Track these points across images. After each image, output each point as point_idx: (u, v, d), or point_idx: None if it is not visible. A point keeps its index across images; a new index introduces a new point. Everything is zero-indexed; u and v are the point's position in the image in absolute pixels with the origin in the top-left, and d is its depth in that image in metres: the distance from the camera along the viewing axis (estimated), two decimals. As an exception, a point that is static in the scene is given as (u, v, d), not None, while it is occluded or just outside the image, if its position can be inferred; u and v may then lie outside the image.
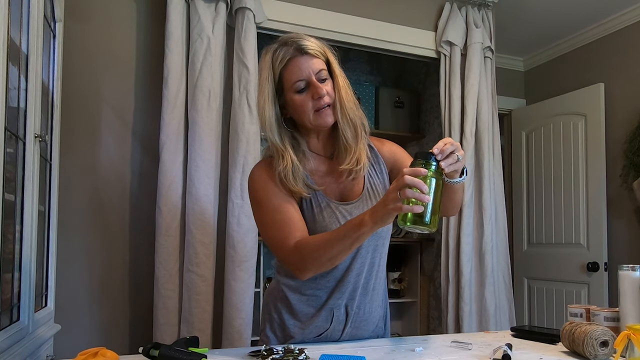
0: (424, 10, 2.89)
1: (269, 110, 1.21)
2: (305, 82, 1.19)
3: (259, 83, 1.23)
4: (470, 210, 2.77)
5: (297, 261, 1.18)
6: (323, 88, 1.19)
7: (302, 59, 1.19)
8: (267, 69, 1.21)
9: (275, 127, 1.22)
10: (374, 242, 1.29)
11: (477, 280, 2.78)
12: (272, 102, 1.21)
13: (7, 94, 1.20)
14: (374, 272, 1.31)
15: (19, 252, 1.39)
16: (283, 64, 1.19)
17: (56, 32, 1.93)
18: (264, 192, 1.23)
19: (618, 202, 3.18)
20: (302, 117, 1.22)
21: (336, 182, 1.29)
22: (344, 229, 1.12)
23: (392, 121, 3.53)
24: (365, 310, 1.32)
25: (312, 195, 1.24)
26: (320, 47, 1.23)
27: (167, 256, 2.20)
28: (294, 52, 1.19)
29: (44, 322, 1.73)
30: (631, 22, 3.15)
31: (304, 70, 1.19)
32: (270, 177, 1.24)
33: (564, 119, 3.47)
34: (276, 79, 1.21)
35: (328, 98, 1.20)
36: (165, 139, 2.22)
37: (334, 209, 1.25)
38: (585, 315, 1.36)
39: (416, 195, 0.99)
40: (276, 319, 1.32)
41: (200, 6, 2.28)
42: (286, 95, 1.22)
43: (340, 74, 1.25)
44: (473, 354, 1.16)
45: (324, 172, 1.29)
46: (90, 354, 0.95)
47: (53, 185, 1.90)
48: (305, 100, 1.20)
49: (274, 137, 1.23)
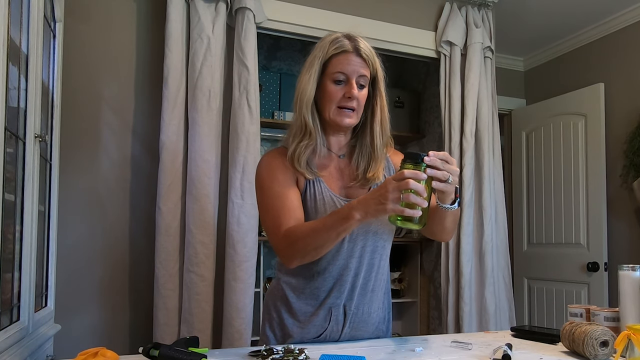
0: (424, 10, 2.89)
1: (310, 88, 1.24)
2: (345, 77, 1.23)
3: (310, 60, 1.26)
4: (470, 210, 2.77)
5: (285, 247, 1.20)
6: (357, 91, 1.23)
7: (353, 57, 1.23)
8: (321, 49, 1.25)
9: (311, 106, 1.26)
10: (374, 243, 1.29)
11: (477, 280, 2.78)
12: (315, 80, 1.25)
13: (7, 94, 1.20)
14: (374, 274, 1.31)
15: (19, 252, 1.39)
16: (337, 52, 1.23)
17: (56, 32, 1.93)
18: (269, 178, 1.26)
19: (618, 202, 3.18)
20: (325, 106, 1.26)
21: (341, 180, 1.31)
22: (330, 219, 1.13)
23: (392, 121, 3.49)
24: (364, 311, 1.32)
25: (317, 186, 1.26)
26: (373, 58, 1.27)
27: (167, 256, 2.20)
28: (351, 47, 1.24)
29: (44, 322, 1.73)
30: (631, 22, 3.15)
31: (350, 66, 1.23)
32: (278, 165, 1.27)
33: (564, 119, 3.47)
34: (324, 61, 1.25)
35: (356, 103, 1.24)
36: (165, 139, 2.22)
37: (336, 202, 1.25)
38: (585, 315, 1.36)
39: (418, 200, 1.00)
40: (275, 318, 1.32)
41: (200, 6, 2.28)
42: (324, 79, 1.25)
43: (384, 92, 1.31)
44: (473, 354, 1.16)
45: (330, 167, 1.31)
46: (90, 354, 0.95)
47: (53, 185, 1.90)
48: (336, 93, 1.24)
49: (307, 115, 1.25)
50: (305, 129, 1.25)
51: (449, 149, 2.82)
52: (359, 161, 1.31)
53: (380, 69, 1.29)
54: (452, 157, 1.08)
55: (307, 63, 1.27)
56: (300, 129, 1.26)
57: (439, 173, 1.04)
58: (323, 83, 1.25)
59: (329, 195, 1.26)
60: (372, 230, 1.28)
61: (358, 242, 1.27)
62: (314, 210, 1.25)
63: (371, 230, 1.28)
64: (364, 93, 1.26)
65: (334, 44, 1.24)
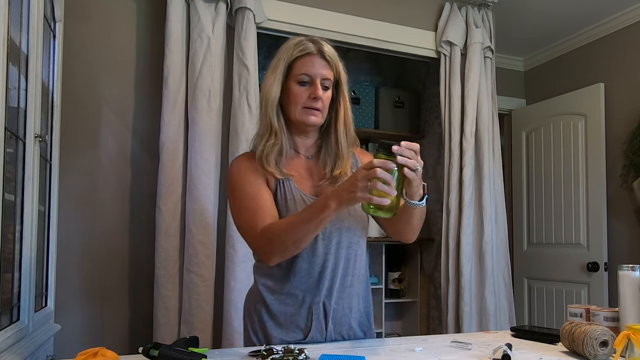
0: (424, 10, 2.89)
1: (275, 89, 1.28)
2: (309, 79, 1.27)
3: (274, 62, 1.30)
4: (470, 210, 2.77)
5: (263, 245, 1.22)
6: (321, 92, 1.27)
7: (317, 59, 1.27)
8: (286, 51, 1.29)
9: (276, 106, 1.29)
10: (348, 239, 1.31)
11: (477, 280, 2.78)
12: (279, 82, 1.28)
13: (7, 94, 1.20)
14: (350, 269, 1.33)
15: (19, 252, 1.39)
16: (300, 54, 1.27)
17: (56, 32, 1.93)
18: (241, 181, 1.29)
19: (618, 202, 3.18)
20: (291, 107, 1.29)
21: (310, 180, 1.33)
22: (307, 212, 1.16)
23: (392, 121, 3.53)
24: (345, 306, 1.33)
25: (287, 186, 1.29)
26: (336, 61, 1.31)
27: (167, 256, 2.20)
28: (315, 50, 1.27)
29: (44, 322, 1.73)
30: (631, 22, 3.15)
31: (315, 68, 1.26)
32: (248, 167, 1.30)
33: (564, 119, 3.47)
34: (289, 63, 1.28)
35: (321, 103, 1.28)
36: (165, 139, 2.22)
37: (306, 201, 1.27)
38: (585, 315, 1.36)
39: (386, 189, 1.03)
40: (257, 322, 1.33)
41: (200, 6, 2.28)
42: (289, 81, 1.28)
43: (347, 95, 1.34)
44: (473, 354, 1.16)
45: (299, 168, 1.34)
46: (90, 354, 0.95)
47: (53, 185, 1.90)
48: (301, 94, 1.27)
49: (272, 115, 1.29)
50: (270, 129, 1.29)
51: (449, 149, 2.82)
52: (326, 160, 1.34)
53: (343, 71, 1.33)
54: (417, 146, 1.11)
55: (271, 65, 1.30)
56: (266, 129, 1.29)
57: (409, 162, 1.07)
58: (288, 85, 1.28)
59: (299, 195, 1.28)
60: (345, 226, 1.30)
61: (332, 238, 1.29)
62: (285, 209, 1.27)
63: (344, 226, 1.30)
64: (328, 94, 1.29)
65: (298, 47, 1.27)
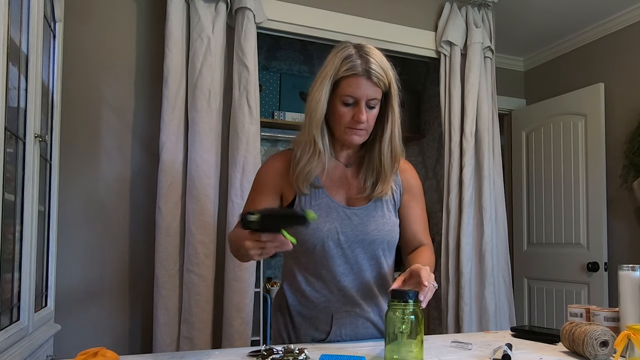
0: (424, 10, 2.89)
1: (321, 109, 1.24)
2: (354, 101, 1.22)
3: (320, 77, 1.25)
4: (470, 210, 2.76)
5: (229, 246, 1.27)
6: (365, 115, 1.22)
7: (363, 81, 1.20)
8: (333, 68, 1.23)
9: (321, 125, 1.25)
10: (372, 252, 1.31)
11: (477, 280, 2.78)
12: (326, 100, 1.24)
13: (7, 94, 1.20)
14: (373, 279, 1.33)
15: (19, 252, 1.39)
16: (347, 74, 1.21)
17: (56, 32, 1.93)
18: (255, 182, 1.36)
19: (618, 202, 3.18)
20: (335, 125, 1.27)
21: (343, 187, 1.32)
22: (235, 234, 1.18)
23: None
24: (366, 311, 1.33)
25: (315, 191, 1.28)
26: (385, 76, 1.23)
27: (167, 256, 2.20)
28: (361, 70, 1.20)
29: (44, 322, 1.73)
30: (631, 22, 3.15)
31: (360, 90, 1.21)
32: (272, 172, 1.32)
33: (564, 119, 3.47)
34: (335, 80, 1.23)
35: (365, 126, 1.24)
36: (165, 139, 2.22)
37: (333, 208, 1.27)
38: (585, 315, 1.36)
39: None
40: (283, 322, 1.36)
41: (200, 6, 2.28)
42: (334, 99, 1.24)
43: (396, 106, 1.28)
44: (473, 354, 1.16)
45: (333, 175, 1.33)
46: (90, 354, 0.95)
47: (53, 185, 1.90)
48: (345, 115, 1.23)
49: (317, 135, 1.25)
50: (314, 147, 1.26)
51: (449, 149, 2.82)
52: (367, 175, 1.32)
53: (395, 83, 1.26)
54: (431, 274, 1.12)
55: (319, 77, 1.25)
56: (309, 145, 1.26)
57: (429, 294, 1.07)
58: (333, 102, 1.24)
59: (326, 201, 1.28)
60: (368, 239, 1.29)
61: (355, 249, 1.29)
62: None
63: (367, 239, 1.29)
64: (374, 113, 1.25)
65: (345, 64, 1.21)
